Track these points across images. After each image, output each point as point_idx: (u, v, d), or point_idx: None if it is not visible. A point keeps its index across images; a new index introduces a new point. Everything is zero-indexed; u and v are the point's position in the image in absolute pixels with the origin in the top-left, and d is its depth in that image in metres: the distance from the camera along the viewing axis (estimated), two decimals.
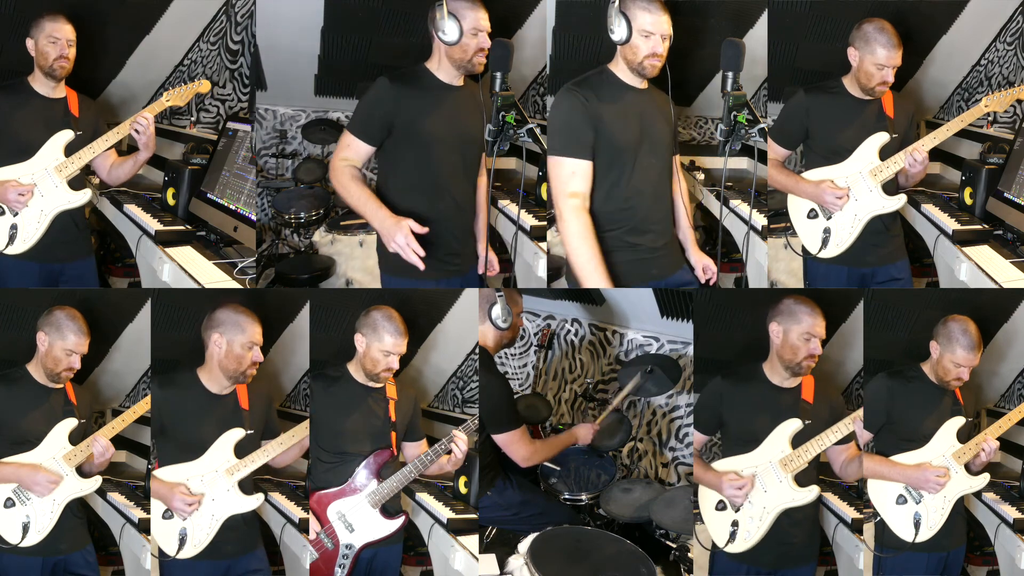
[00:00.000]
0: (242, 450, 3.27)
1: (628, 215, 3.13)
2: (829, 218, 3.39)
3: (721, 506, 3.16)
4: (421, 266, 3.04)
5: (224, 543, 3.25)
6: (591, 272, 3.02)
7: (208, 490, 3.23)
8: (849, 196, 3.35)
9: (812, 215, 3.42)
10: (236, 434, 3.27)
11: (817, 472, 3.20)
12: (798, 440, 3.15)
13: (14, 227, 3.35)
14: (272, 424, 3.40)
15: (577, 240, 3.03)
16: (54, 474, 3.22)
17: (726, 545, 3.15)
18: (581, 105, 3.05)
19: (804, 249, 3.48)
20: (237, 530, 3.28)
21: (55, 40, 3.40)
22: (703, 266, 3.36)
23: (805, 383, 3.20)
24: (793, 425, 3.15)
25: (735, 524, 3.13)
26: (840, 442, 3.17)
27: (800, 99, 3.46)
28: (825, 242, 3.40)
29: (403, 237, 3.04)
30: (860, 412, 3.20)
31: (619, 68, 3.14)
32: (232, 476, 3.24)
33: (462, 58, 3.20)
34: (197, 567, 3.24)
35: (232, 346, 3.23)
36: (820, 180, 3.40)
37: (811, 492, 3.13)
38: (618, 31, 3.05)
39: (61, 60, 3.43)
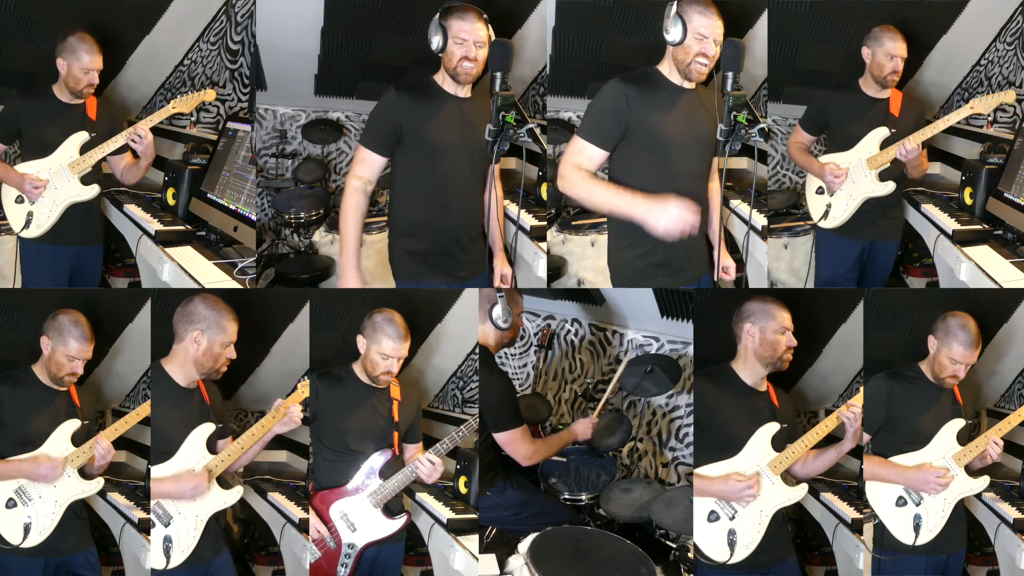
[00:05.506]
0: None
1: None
2: (832, 195, 3.81)
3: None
4: None
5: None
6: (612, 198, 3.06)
7: None
8: (847, 177, 3.76)
9: (819, 191, 3.89)
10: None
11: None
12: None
13: (30, 214, 3.71)
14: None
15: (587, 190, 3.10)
16: (53, 459, 3.21)
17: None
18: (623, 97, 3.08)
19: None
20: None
21: (87, 71, 3.68)
22: (723, 266, 3.36)
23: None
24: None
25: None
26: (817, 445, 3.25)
27: (822, 95, 3.90)
28: (826, 214, 3.85)
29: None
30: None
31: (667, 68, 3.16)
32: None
33: (448, 65, 3.21)
34: None
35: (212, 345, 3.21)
36: (827, 162, 3.80)
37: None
38: (673, 32, 3.08)
39: (88, 87, 3.71)
